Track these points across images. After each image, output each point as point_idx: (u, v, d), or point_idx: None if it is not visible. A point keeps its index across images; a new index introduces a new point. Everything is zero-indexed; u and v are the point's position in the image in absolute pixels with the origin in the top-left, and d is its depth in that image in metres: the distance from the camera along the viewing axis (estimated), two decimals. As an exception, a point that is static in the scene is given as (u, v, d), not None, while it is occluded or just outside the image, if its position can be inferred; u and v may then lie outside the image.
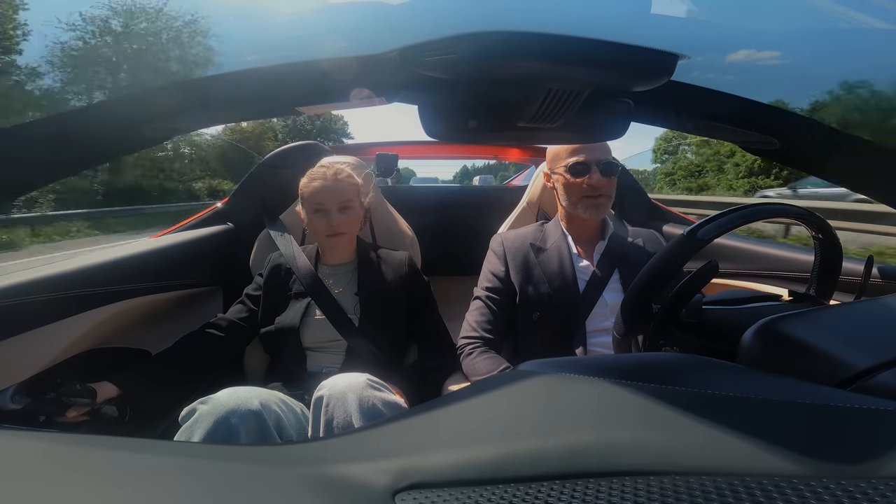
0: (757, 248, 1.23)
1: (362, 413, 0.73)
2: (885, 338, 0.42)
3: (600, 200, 1.02)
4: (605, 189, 1.02)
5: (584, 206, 1.03)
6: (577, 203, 1.04)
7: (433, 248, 1.44)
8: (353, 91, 0.48)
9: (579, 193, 1.03)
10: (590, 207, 1.03)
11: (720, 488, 0.22)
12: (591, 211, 1.03)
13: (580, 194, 1.03)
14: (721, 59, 0.55)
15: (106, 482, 0.24)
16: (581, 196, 1.03)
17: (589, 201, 1.02)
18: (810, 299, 0.71)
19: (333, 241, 1.08)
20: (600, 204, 1.03)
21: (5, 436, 0.29)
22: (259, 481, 0.24)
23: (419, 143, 2.21)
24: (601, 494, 0.23)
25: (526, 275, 1.05)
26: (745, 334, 0.45)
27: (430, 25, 0.40)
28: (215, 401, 0.74)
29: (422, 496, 0.24)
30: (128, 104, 0.52)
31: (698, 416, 0.29)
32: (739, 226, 0.64)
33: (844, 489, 0.22)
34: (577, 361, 0.53)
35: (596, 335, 0.99)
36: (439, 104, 0.47)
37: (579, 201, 1.03)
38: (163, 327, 1.14)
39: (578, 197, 1.03)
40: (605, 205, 1.03)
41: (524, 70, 0.41)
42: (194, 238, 1.28)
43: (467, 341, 1.04)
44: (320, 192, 1.06)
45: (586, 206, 1.03)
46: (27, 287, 0.78)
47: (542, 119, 0.48)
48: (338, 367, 1.01)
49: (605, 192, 1.02)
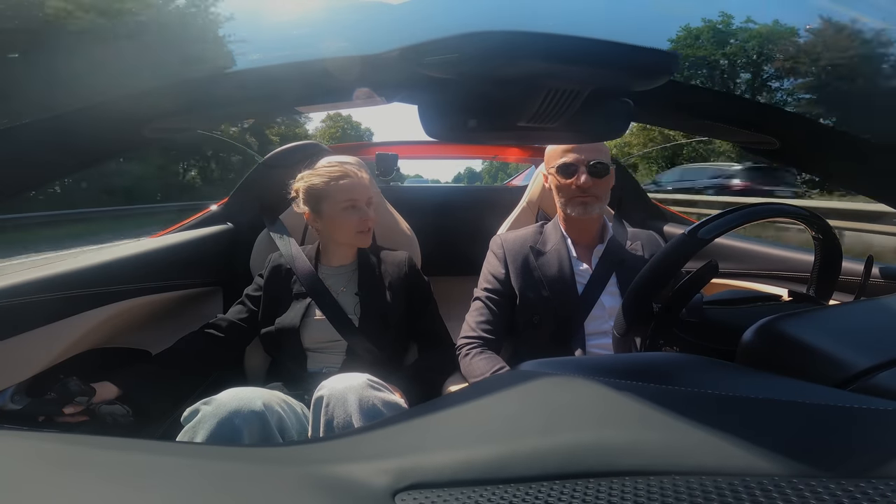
0: (757, 248, 1.23)
1: (362, 413, 0.73)
2: (885, 338, 0.42)
3: (587, 200, 1.03)
4: (593, 190, 1.03)
5: (572, 206, 1.05)
6: (566, 203, 1.06)
7: (433, 248, 1.44)
8: (356, 91, 0.48)
9: (568, 194, 1.05)
10: (577, 206, 1.04)
11: (720, 488, 0.22)
12: (578, 210, 1.04)
13: (569, 195, 1.04)
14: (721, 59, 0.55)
15: (106, 482, 0.24)
16: (570, 196, 1.04)
17: (577, 201, 1.04)
18: (810, 299, 0.71)
19: (365, 236, 1.09)
20: (587, 203, 1.03)
21: (5, 436, 0.29)
22: (258, 481, 0.24)
23: (419, 143, 2.21)
24: (601, 494, 0.23)
25: (525, 277, 1.05)
26: (745, 334, 0.45)
27: (430, 25, 0.40)
28: (218, 401, 0.74)
29: (422, 496, 0.24)
30: (128, 104, 0.52)
31: (698, 416, 0.28)
32: (740, 225, 0.64)
33: (844, 489, 0.22)
34: (577, 361, 0.53)
35: (594, 337, 1.00)
36: (439, 104, 0.47)
37: (569, 202, 1.05)
38: (163, 327, 1.14)
39: (568, 197, 1.05)
40: (594, 204, 1.04)
41: (524, 70, 0.41)
42: (194, 238, 1.28)
43: (466, 342, 1.04)
44: (353, 188, 1.07)
45: (574, 206, 1.04)
46: (27, 287, 0.78)
47: (542, 119, 0.48)
48: (338, 368, 1.01)
49: (594, 192, 1.03)
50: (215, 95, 0.51)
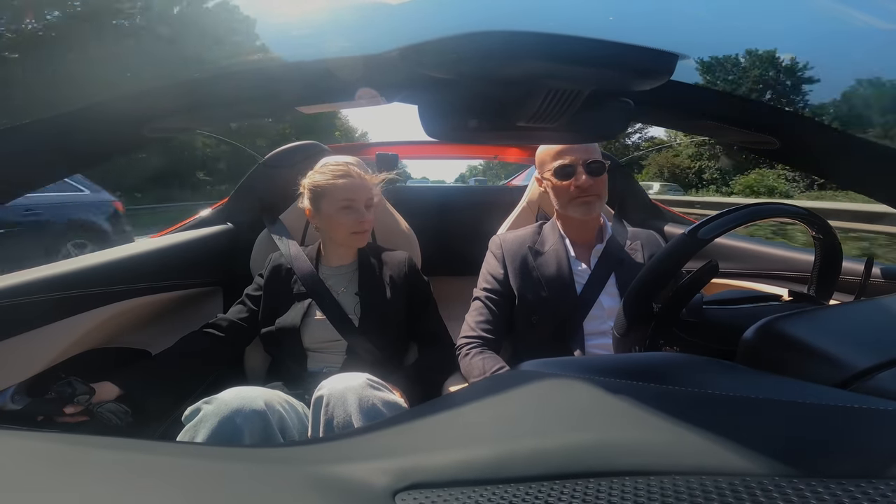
0: (757, 248, 1.23)
1: (362, 413, 0.73)
2: (884, 338, 0.42)
3: (589, 199, 1.02)
4: (593, 189, 1.02)
5: (574, 207, 1.04)
6: (567, 205, 1.04)
7: (433, 249, 1.44)
8: (359, 91, 0.48)
9: (568, 196, 1.03)
10: (580, 206, 1.03)
11: (720, 488, 0.22)
12: (581, 210, 1.03)
13: (569, 197, 1.03)
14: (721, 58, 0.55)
15: (106, 482, 0.24)
16: (570, 198, 1.03)
17: (579, 202, 1.03)
18: (810, 299, 0.71)
19: (361, 237, 1.08)
20: (590, 202, 1.03)
21: (5, 436, 0.29)
22: (259, 482, 0.24)
23: (419, 143, 2.21)
24: (601, 494, 0.23)
25: (524, 278, 1.05)
26: (745, 334, 0.45)
27: (430, 25, 0.40)
28: (220, 401, 0.74)
29: (422, 496, 0.24)
30: (128, 104, 0.52)
31: (698, 416, 0.29)
32: (740, 225, 0.64)
33: (845, 489, 0.22)
34: (576, 361, 0.53)
35: (594, 337, 1.00)
36: (439, 104, 0.47)
37: (569, 203, 1.04)
38: (163, 327, 1.14)
39: (568, 199, 1.04)
40: (596, 203, 1.04)
41: (524, 70, 0.41)
42: (194, 238, 1.28)
43: (466, 342, 1.04)
44: (351, 189, 1.06)
45: (576, 207, 1.03)
46: (27, 287, 0.78)
47: (542, 119, 0.48)
48: (338, 367, 1.01)
49: (594, 191, 1.03)
50: (215, 95, 0.51)
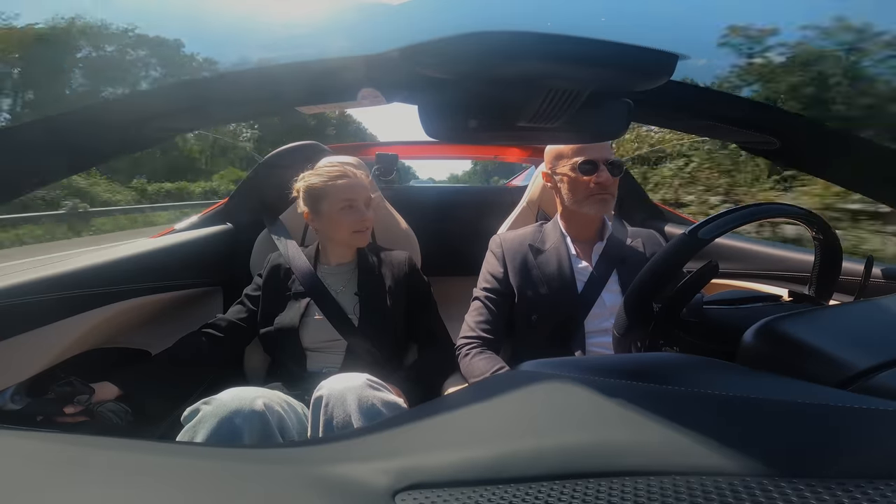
0: (757, 248, 1.23)
1: (362, 413, 0.72)
2: (885, 338, 0.42)
3: (606, 197, 1.04)
4: (612, 187, 1.04)
5: (590, 204, 1.04)
6: (583, 201, 1.05)
7: (433, 248, 1.44)
8: (361, 91, 0.48)
9: (587, 192, 1.04)
10: (597, 203, 1.04)
11: (720, 488, 0.22)
12: (597, 207, 1.04)
13: (587, 193, 1.04)
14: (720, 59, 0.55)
15: (106, 483, 0.24)
16: (588, 194, 1.04)
17: (596, 198, 1.03)
18: (810, 299, 0.71)
19: (362, 236, 1.09)
20: (606, 200, 1.04)
21: (5, 436, 0.29)
22: (258, 482, 0.24)
23: (419, 143, 2.21)
24: (601, 494, 0.23)
25: (524, 276, 1.05)
26: (745, 334, 0.45)
27: (430, 25, 0.40)
28: (219, 401, 0.74)
29: (422, 496, 0.24)
30: (127, 104, 0.52)
31: (698, 416, 0.29)
32: (740, 225, 0.64)
33: (845, 489, 0.22)
34: (576, 362, 0.53)
35: (595, 336, 1.00)
36: (439, 104, 0.47)
37: (586, 199, 1.04)
38: (163, 327, 1.14)
39: (585, 195, 1.04)
40: (610, 202, 1.05)
41: (524, 70, 0.41)
42: (194, 238, 1.28)
43: (466, 342, 1.04)
44: (351, 188, 1.07)
45: (593, 203, 1.04)
46: (27, 287, 0.78)
47: (542, 119, 0.48)
48: (337, 367, 1.01)
49: (612, 190, 1.04)
50: (215, 95, 0.51)
